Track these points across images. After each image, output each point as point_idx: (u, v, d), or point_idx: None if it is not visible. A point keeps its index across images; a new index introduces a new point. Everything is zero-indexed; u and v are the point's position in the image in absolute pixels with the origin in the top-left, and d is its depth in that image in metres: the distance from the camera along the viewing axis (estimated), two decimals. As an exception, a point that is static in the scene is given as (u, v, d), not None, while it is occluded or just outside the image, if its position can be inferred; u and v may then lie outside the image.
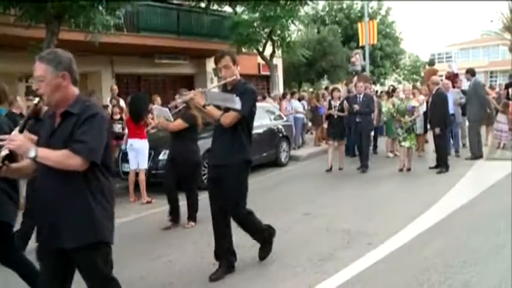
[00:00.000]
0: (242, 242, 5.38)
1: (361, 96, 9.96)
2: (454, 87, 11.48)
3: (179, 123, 6.25)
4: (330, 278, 4.22)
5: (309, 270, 4.44)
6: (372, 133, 11.43)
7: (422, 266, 4.38)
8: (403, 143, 9.38)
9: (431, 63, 15.89)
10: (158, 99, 11.82)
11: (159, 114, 6.59)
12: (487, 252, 4.64)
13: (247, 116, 4.20)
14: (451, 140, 11.20)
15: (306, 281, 4.17)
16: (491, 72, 51.54)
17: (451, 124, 10.26)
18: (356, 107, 9.73)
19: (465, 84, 12.03)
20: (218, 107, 4.19)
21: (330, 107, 10.22)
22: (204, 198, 7.58)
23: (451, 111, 10.43)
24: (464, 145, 11.88)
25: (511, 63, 28.02)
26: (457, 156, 10.81)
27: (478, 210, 6.35)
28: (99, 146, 2.60)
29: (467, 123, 11.59)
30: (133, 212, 7.29)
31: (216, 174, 4.35)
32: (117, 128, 10.28)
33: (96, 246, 2.69)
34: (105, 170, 2.72)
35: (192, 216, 6.34)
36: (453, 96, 10.91)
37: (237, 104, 3.98)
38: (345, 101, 10.14)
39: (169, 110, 6.46)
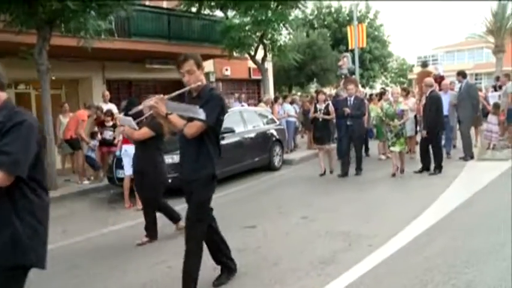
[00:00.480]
0: (243, 245, 5.40)
1: (352, 99, 9.78)
2: (440, 89, 11.35)
3: (145, 132, 5.79)
4: (333, 281, 4.21)
5: (312, 273, 4.43)
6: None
7: (425, 266, 4.39)
8: (392, 148, 9.35)
9: (425, 65, 15.97)
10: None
11: (122, 123, 5.97)
12: (488, 251, 4.67)
13: (213, 126, 3.82)
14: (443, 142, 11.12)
15: (310, 285, 4.15)
16: (476, 75, 52.12)
17: (444, 126, 10.24)
18: (347, 110, 9.59)
19: (456, 86, 12.11)
20: (182, 116, 3.86)
21: (315, 111, 10.06)
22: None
23: (445, 112, 10.53)
24: (454, 146, 11.96)
25: (495, 66, 28.42)
26: (448, 157, 10.77)
27: (475, 210, 6.40)
28: (26, 158, 2.29)
29: (457, 125, 11.63)
30: (129, 219, 7.23)
31: (188, 188, 4.02)
32: (109, 134, 10.23)
33: (13, 270, 2.41)
34: (36, 186, 2.41)
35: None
36: (449, 98, 11.02)
37: (201, 114, 3.62)
38: (330, 104, 10.15)
39: (134, 117, 5.77)
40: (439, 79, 12.32)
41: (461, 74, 11.14)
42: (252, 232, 5.98)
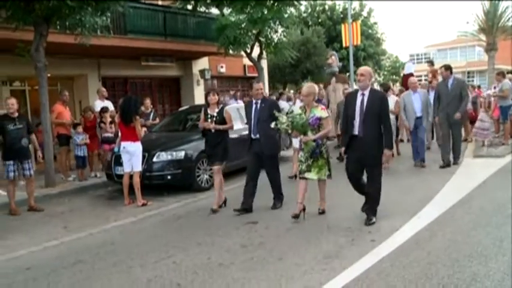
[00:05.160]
0: (247, 241, 5.44)
1: None
2: (406, 88, 10.83)
3: None
4: (338, 275, 4.24)
5: (317, 268, 4.46)
6: None
7: (428, 260, 4.44)
8: (306, 175, 6.24)
9: (431, 63, 16.08)
10: (148, 102, 11.76)
11: None
12: (490, 246, 4.72)
13: None
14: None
15: (315, 279, 4.19)
16: (469, 73, 52.55)
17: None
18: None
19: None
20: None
21: (206, 118, 7.48)
22: (200, 200, 7.60)
23: (418, 114, 9.77)
24: (429, 148, 11.47)
25: (488, 64, 28.61)
26: (423, 166, 9.70)
27: (475, 205, 6.45)
28: None
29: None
30: (130, 215, 7.23)
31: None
32: (109, 132, 10.19)
33: None
34: None
35: None
36: (420, 97, 9.85)
37: None
38: (226, 109, 7.65)
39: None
40: (406, 77, 12.19)
41: (450, 69, 9.75)
42: (254, 228, 6.00)
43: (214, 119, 7.15)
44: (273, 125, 6.29)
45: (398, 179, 8.96)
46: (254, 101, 7.07)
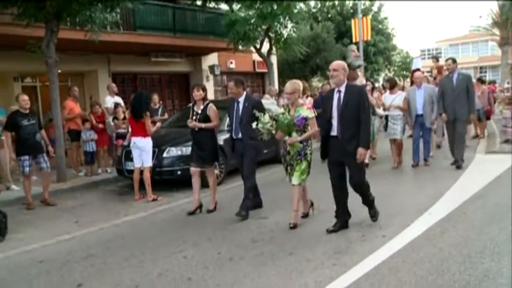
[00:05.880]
0: (258, 236, 5.45)
1: None
2: (412, 83, 10.36)
3: None
4: (349, 270, 4.24)
5: (327, 263, 4.45)
6: None
7: (440, 256, 4.42)
8: (292, 179, 5.83)
9: (436, 58, 15.92)
10: (156, 97, 11.78)
11: None
12: (503, 242, 4.68)
13: None
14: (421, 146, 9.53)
15: (326, 274, 4.18)
16: (481, 68, 52.12)
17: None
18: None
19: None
20: None
21: (192, 115, 7.19)
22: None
23: (419, 111, 9.21)
24: (439, 147, 11.07)
25: (501, 59, 28.34)
26: (427, 165, 9.37)
27: (487, 201, 6.40)
28: None
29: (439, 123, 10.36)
30: (141, 210, 7.27)
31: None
32: (122, 128, 10.21)
33: None
34: None
35: None
36: (424, 93, 9.20)
37: None
38: (212, 105, 6.89)
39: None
40: (413, 73, 11.84)
41: (456, 62, 9.17)
42: (265, 223, 6.01)
43: (198, 116, 6.74)
44: (254, 125, 5.73)
45: (409, 175, 8.95)
46: (236, 100, 6.60)
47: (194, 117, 6.74)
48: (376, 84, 25.26)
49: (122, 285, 4.28)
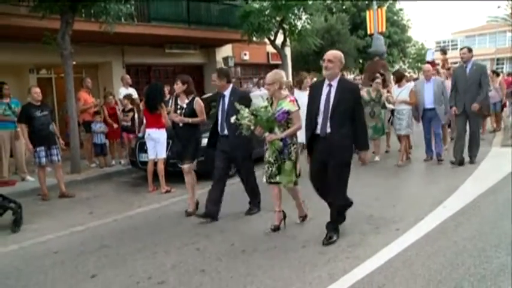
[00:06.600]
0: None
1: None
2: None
3: None
4: (362, 263, 4.22)
5: (341, 256, 4.44)
6: None
7: (454, 250, 4.38)
8: (278, 180, 5.29)
9: (444, 51, 15.75)
10: (166, 90, 11.77)
11: None
12: (519, 237, 4.63)
13: None
14: (433, 141, 9.15)
15: (339, 267, 4.17)
16: (498, 59, 51.31)
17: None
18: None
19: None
20: None
21: (176, 109, 6.84)
22: (226, 186, 7.54)
23: (429, 105, 8.85)
24: (452, 139, 10.23)
25: (519, 50, 27.78)
26: (440, 161, 8.93)
27: (500, 197, 6.30)
28: None
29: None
30: (154, 202, 7.31)
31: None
32: (125, 121, 10.20)
33: None
34: None
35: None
36: (433, 87, 8.85)
37: None
38: (198, 99, 6.56)
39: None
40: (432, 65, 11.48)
41: (471, 51, 8.64)
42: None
43: (183, 111, 6.33)
44: (233, 119, 5.16)
45: (422, 169, 8.86)
46: (222, 94, 6.14)
47: (179, 111, 6.34)
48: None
49: (135, 276, 4.31)
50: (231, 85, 6.18)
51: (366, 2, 29.05)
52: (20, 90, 11.21)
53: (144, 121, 8.41)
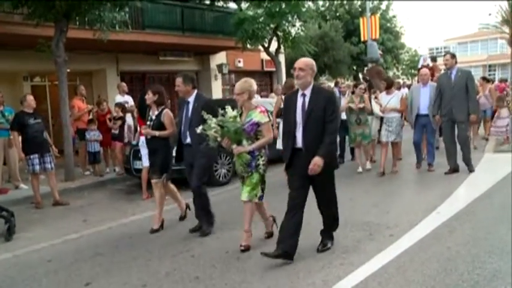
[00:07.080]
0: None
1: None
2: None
3: None
4: (356, 269, 4.23)
5: (335, 262, 4.45)
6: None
7: (448, 256, 4.40)
8: (241, 194, 5.07)
9: (434, 59, 15.84)
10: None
11: None
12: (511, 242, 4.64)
13: None
14: (426, 149, 9.14)
15: (333, 273, 4.18)
16: (490, 66, 51.73)
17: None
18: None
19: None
20: None
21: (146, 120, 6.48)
22: (218, 194, 7.60)
23: (423, 111, 8.67)
24: (437, 148, 10.09)
25: (511, 57, 28.01)
26: (431, 170, 8.76)
27: (495, 201, 6.35)
28: None
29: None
30: (148, 209, 7.29)
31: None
32: (114, 128, 10.13)
33: None
34: None
35: None
36: (429, 92, 8.68)
37: None
38: (168, 111, 6.13)
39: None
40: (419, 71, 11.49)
41: (455, 57, 8.41)
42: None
43: (151, 122, 5.99)
44: (199, 129, 4.90)
45: (416, 175, 8.89)
46: (186, 100, 5.78)
47: (148, 123, 6.02)
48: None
49: (130, 284, 4.30)
50: (195, 91, 5.86)
51: (360, 9, 29.27)
52: (13, 97, 11.18)
53: (138, 129, 8.40)
